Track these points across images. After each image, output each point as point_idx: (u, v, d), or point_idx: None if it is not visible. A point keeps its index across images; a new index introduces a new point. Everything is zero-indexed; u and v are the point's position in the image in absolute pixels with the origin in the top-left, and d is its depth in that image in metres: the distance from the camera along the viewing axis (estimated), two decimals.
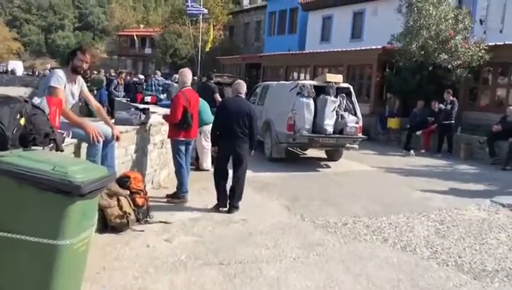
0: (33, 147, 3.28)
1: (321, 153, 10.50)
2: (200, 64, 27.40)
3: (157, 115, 6.68)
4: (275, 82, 11.83)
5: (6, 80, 46.84)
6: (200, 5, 28.04)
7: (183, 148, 6.08)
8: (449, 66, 11.67)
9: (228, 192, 5.87)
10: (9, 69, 56.65)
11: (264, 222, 5.44)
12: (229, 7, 35.87)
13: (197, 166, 8.36)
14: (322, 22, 23.99)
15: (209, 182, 7.29)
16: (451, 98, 11.19)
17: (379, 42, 15.01)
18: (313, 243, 4.80)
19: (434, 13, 11.69)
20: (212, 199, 6.25)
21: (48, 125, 3.49)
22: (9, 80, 47.70)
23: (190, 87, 6.24)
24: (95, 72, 20.54)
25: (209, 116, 8.21)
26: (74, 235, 2.77)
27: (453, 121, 11.20)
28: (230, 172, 6.03)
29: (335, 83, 9.24)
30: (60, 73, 4.09)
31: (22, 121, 3.21)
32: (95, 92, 15.82)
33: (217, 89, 10.83)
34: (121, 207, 4.77)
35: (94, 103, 4.74)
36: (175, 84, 11.91)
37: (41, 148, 3.34)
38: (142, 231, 4.86)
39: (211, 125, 7.92)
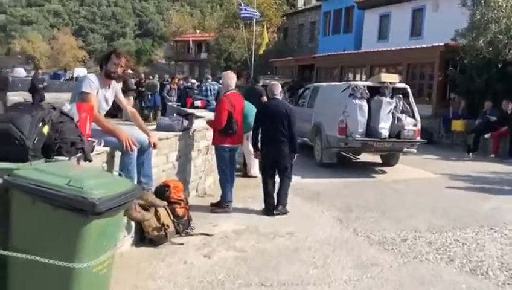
0: (57, 158, 3.06)
1: (376, 158, 9.88)
2: (254, 67, 27.26)
3: (204, 120, 6.39)
4: (326, 83, 11.38)
5: (72, 86, 49.19)
6: (253, 8, 27.92)
7: (227, 155, 5.76)
8: None
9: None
10: (75, 76, 59.65)
11: (312, 236, 4.99)
12: (283, 9, 35.55)
13: (244, 172, 8.03)
14: (379, 20, 23.03)
15: (256, 189, 6.97)
16: None
17: (440, 40, 14.05)
18: (367, 263, 4.28)
19: (504, 5, 10.66)
20: (258, 209, 5.91)
21: (75, 133, 3.26)
22: (74, 86, 50.00)
23: (235, 91, 5.91)
24: (150, 77, 20.96)
25: None
26: (92, 257, 2.49)
27: None
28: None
29: (390, 83, 8.70)
30: (93, 78, 3.88)
31: (45, 130, 2.98)
32: (149, 96, 16.07)
33: (264, 92, 10.46)
34: (158, 218, 4.51)
35: (129, 108, 4.51)
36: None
37: (67, 158, 3.11)
38: (182, 244, 4.57)
39: None
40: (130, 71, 17.55)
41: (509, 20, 10.71)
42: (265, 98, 10.11)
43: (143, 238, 4.50)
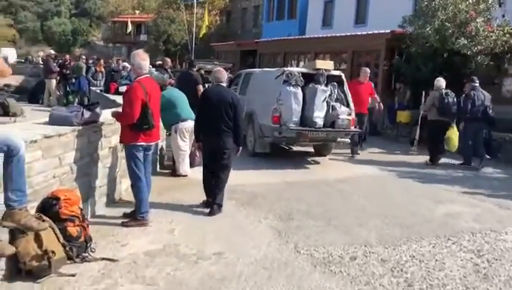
0: None
1: (309, 147, 9.49)
2: (194, 51, 25.93)
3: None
4: (258, 69, 10.66)
5: None
6: None
7: (141, 155, 4.68)
8: (468, 52, 10.17)
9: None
10: (2, 57, 55.13)
11: (245, 257, 4.05)
12: None
13: (173, 171, 6.98)
14: (324, 5, 22.42)
15: (185, 191, 6.00)
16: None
17: (384, 27, 13.53)
18: None
19: None
20: (184, 221, 4.92)
21: None
22: None
23: (149, 75, 4.81)
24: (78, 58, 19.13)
25: (187, 112, 6.84)
26: None
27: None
28: None
29: (325, 70, 8.29)
30: None
31: None
32: (73, 80, 14.42)
33: (200, 79, 9.40)
34: (40, 244, 3.40)
35: None
36: (154, 72, 10.46)
37: None
38: (73, 275, 3.49)
39: (188, 121, 6.67)
40: (51, 52, 15.81)
41: (456, 7, 10.24)
42: (201, 87, 9.12)
43: (19, 269, 3.38)
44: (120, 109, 4.83)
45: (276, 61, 19.06)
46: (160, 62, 11.41)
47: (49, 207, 3.66)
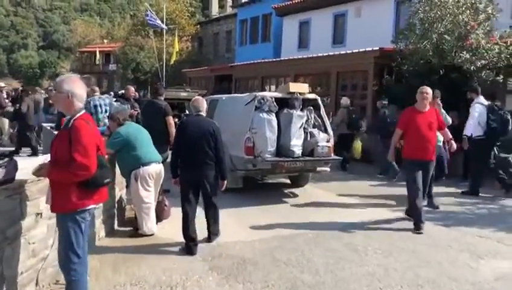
0: None
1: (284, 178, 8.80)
2: (166, 78, 24.56)
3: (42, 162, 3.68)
4: (226, 95, 9.78)
5: None
6: (162, 17, 25.28)
7: (87, 225, 3.19)
8: (471, 68, 9.08)
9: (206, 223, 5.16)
10: None
11: None
12: (197, 17, 33.28)
13: (135, 228, 5.45)
14: (299, 27, 21.56)
15: (151, 264, 4.47)
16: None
17: (364, 47, 12.61)
18: None
19: (450, 0, 9.14)
20: None
21: None
22: None
23: (85, 110, 3.35)
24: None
25: (151, 152, 5.40)
26: None
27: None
28: None
29: (300, 93, 7.51)
30: None
31: None
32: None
33: (170, 109, 7.97)
34: None
35: None
36: (114, 103, 8.97)
37: None
38: None
39: (152, 165, 5.27)
40: (1, 84, 14.12)
41: (455, 18, 9.18)
42: (171, 119, 7.73)
43: None
44: (46, 161, 3.30)
45: (253, 86, 17.82)
46: (123, 91, 9.91)
47: None
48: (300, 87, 7.79)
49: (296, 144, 7.25)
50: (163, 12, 25.48)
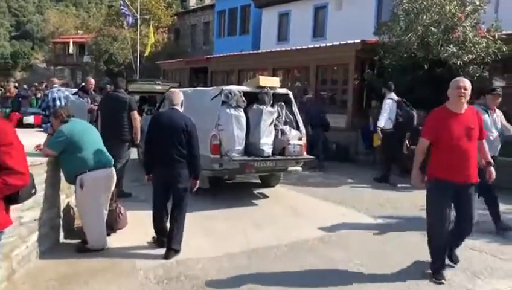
0: None
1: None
2: (140, 71, 23.64)
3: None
4: (191, 88, 9.14)
5: None
6: (137, 7, 24.30)
7: None
8: (458, 63, 8.55)
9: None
10: None
11: None
12: (174, 8, 32.27)
13: (83, 243, 4.70)
14: (279, 19, 20.91)
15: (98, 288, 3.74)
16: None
17: (345, 40, 12.00)
18: None
19: None
20: None
21: None
22: None
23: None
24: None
25: (100, 155, 4.66)
26: None
27: None
28: None
29: (270, 88, 6.98)
30: None
31: None
32: None
33: (135, 103, 7.23)
34: None
35: None
36: (71, 96, 8.15)
37: None
38: None
39: (100, 171, 4.54)
40: None
41: (442, 8, 8.62)
42: (136, 113, 7.01)
43: None
44: None
45: (229, 79, 17.10)
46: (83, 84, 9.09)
47: None
48: (271, 81, 7.25)
49: (266, 142, 6.79)
50: (137, 1, 24.52)
